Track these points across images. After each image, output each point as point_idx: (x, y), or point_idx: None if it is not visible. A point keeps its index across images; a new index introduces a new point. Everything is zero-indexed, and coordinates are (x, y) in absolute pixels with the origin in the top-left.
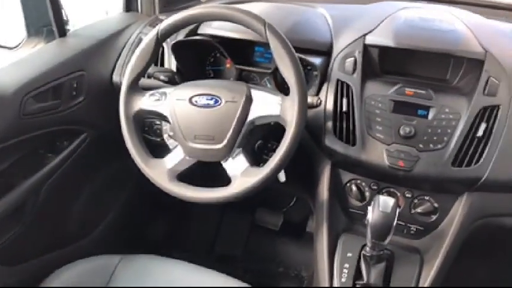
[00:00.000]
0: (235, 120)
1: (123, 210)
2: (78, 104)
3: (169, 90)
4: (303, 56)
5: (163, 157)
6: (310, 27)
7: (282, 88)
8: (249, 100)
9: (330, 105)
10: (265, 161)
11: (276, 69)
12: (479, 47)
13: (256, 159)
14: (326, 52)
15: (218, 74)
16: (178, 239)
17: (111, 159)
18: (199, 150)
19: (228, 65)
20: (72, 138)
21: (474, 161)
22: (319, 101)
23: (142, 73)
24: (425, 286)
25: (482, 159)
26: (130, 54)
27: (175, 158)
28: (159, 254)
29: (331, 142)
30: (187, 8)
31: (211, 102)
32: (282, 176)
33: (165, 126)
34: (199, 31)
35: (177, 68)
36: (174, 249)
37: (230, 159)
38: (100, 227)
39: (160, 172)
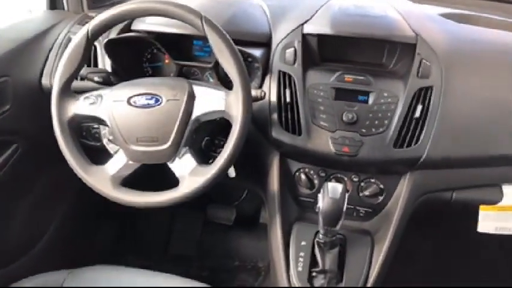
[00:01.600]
0: (179, 118)
1: (67, 222)
2: (3, 113)
3: (105, 92)
4: (243, 49)
5: (105, 163)
6: (248, 19)
7: (225, 82)
8: (191, 97)
9: (273, 97)
10: (213, 158)
11: (217, 63)
12: (410, 31)
13: (204, 156)
14: (266, 43)
15: (157, 71)
16: (130, 244)
17: (48, 169)
18: (143, 153)
19: (166, 61)
20: (1, 150)
21: (414, 141)
22: (263, 93)
23: (74, 75)
24: (377, 266)
25: (421, 139)
26: (60, 56)
27: (118, 163)
28: (110, 263)
29: (278, 133)
30: (118, 3)
31: (152, 101)
32: (231, 172)
33: (104, 130)
34: (133, 27)
35: (112, 68)
36: (127, 255)
37: (177, 159)
38: (42, 242)
39: (103, 179)
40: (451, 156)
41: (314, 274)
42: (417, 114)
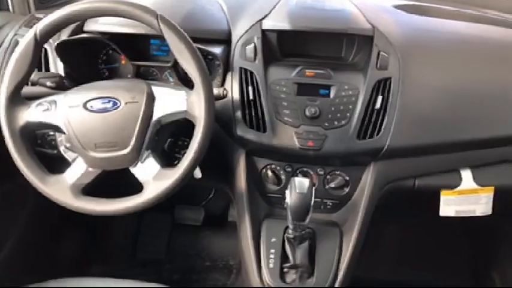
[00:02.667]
0: (139, 121)
1: (27, 233)
2: None
3: (59, 97)
4: (202, 47)
5: (64, 172)
6: (205, 16)
7: (185, 81)
8: (151, 98)
9: (236, 95)
10: (178, 160)
11: (177, 62)
12: (367, 24)
13: (168, 159)
14: (225, 40)
15: (114, 73)
16: (96, 252)
17: (1, 180)
18: (103, 159)
19: (123, 62)
20: None
21: (376, 132)
22: (225, 91)
23: (24, 81)
24: (347, 256)
25: (382, 129)
26: (7, 61)
27: (77, 171)
28: (76, 274)
29: (243, 131)
30: (67, 3)
31: (109, 105)
32: (197, 173)
33: (60, 138)
34: (86, 28)
35: (66, 72)
36: (93, 264)
37: (139, 164)
38: (1, 256)
39: (62, 189)
40: (412, 144)
41: (286, 270)
42: (377, 105)
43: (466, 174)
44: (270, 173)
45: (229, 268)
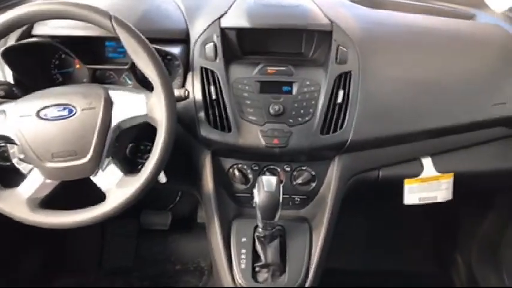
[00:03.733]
0: (97, 128)
1: None
2: None
3: (9, 106)
4: (159, 47)
5: (18, 185)
6: (161, 15)
7: (145, 83)
8: (108, 103)
9: (198, 95)
10: (141, 165)
11: (134, 64)
12: (325, 19)
13: (131, 165)
14: (184, 40)
15: (68, 78)
16: (60, 264)
17: None
18: (61, 170)
19: (77, 66)
20: None
21: (339, 126)
22: (186, 92)
23: None
24: (317, 251)
25: (345, 123)
26: None
27: (33, 183)
28: None
29: (207, 132)
30: (12, 6)
31: (65, 112)
32: (162, 177)
33: (13, 149)
34: (34, 32)
35: (15, 79)
36: (57, 278)
37: (100, 172)
38: None
39: (17, 203)
40: (374, 136)
41: (257, 269)
42: (339, 99)
43: (427, 163)
44: (237, 172)
45: (201, 270)
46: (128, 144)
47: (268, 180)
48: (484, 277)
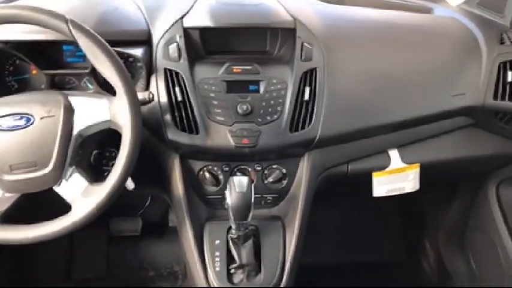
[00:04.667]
0: (58, 137)
1: None
2: None
3: None
4: (120, 49)
5: None
6: (121, 17)
7: (108, 87)
8: (69, 110)
9: (163, 97)
10: (107, 172)
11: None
12: (288, 16)
13: (96, 173)
14: (146, 41)
15: (24, 85)
16: (27, 276)
17: None
18: (21, 182)
19: (34, 72)
20: None
21: (307, 123)
22: (151, 95)
23: None
24: (291, 248)
25: (313, 120)
26: None
27: None
28: None
29: (174, 135)
30: None
31: (22, 122)
32: (129, 184)
33: None
34: None
35: None
36: None
37: (64, 182)
38: None
39: None
40: (342, 132)
41: (232, 271)
42: (306, 96)
43: (394, 155)
44: (207, 174)
45: (175, 275)
46: (92, 151)
47: (240, 181)
48: (452, 261)
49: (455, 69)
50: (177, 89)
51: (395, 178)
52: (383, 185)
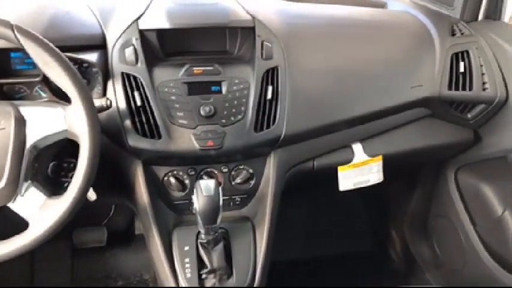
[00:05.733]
0: (10, 151)
1: None
2: None
3: None
4: (73, 55)
5: None
6: (72, 21)
7: (62, 95)
8: (21, 122)
9: (122, 103)
10: (67, 183)
11: None
12: (246, 15)
13: (55, 185)
14: (100, 45)
15: None
16: None
17: None
18: None
19: None
20: None
21: (271, 122)
22: (108, 101)
23: None
24: (262, 248)
25: (277, 119)
26: None
27: None
28: None
29: (135, 141)
30: None
31: None
32: (91, 195)
33: None
34: None
35: None
36: None
37: (19, 197)
38: None
39: None
40: (307, 128)
41: (204, 276)
42: (269, 95)
43: (357, 148)
44: (172, 179)
45: (145, 282)
46: (49, 163)
47: (206, 184)
48: (417, 247)
49: (411, 62)
50: (136, 94)
51: (360, 171)
52: (348, 179)
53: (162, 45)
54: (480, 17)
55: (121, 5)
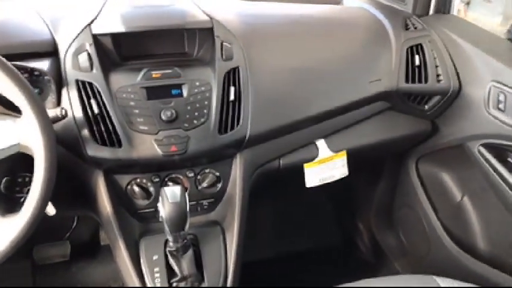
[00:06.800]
0: None
1: None
2: None
3: None
4: (21, 63)
5: None
6: (20, 28)
7: (12, 106)
8: None
9: (78, 112)
10: (23, 199)
11: None
12: (204, 15)
13: (9, 202)
14: (52, 52)
15: None
16: None
17: None
18: None
19: None
20: None
21: (235, 123)
22: (63, 111)
23: None
24: (233, 251)
25: (241, 120)
26: None
27: None
28: None
29: (95, 150)
30: None
31: None
32: (50, 209)
33: None
34: None
35: None
36: None
37: None
38: None
39: None
40: (271, 128)
41: (175, 284)
42: (232, 97)
43: (321, 145)
44: (136, 188)
45: None
46: (2, 179)
47: (172, 191)
48: (384, 238)
49: (369, 57)
50: (93, 101)
51: (325, 167)
52: (314, 175)
53: (118, 50)
54: (431, 11)
55: (72, 9)
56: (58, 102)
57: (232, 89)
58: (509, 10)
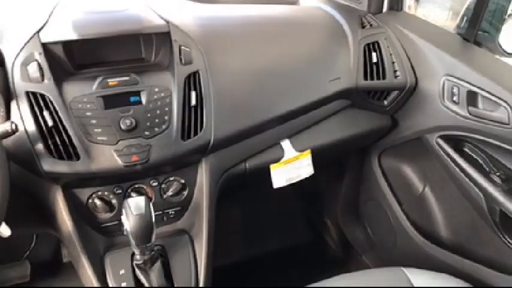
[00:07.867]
0: None
1: None
2: None
3: None
4: None
5: None
6: None
7: None
8: None
9: (30, 125)
10: None
11: None
12: (160, 19)
13: None
14: None
15: None
16: None
17: None
18: None
19: None
20: None
21: (199, 129)
22: (13, 125)
23: None
24: (202, 259)
25: (204, 124)
26: None
27: None
28: None
29: (51, 165)
30: None
31: None
32: (5, 230)
33: None
34: None
35: None
36: None
37: None
38: None
39: None
40: (235, 131)
41: None
42: (193, 102)
43: (286, 145)
44: (98, 201)
45: None
46: None
47: (136, 202)
48: (351, 232)
49: (327, 56)
50: (46, 113)
51: (291, 167)
52: (281, 176)
53: (70, 58)
54: (384, 8)
55: (17, 17)
56: (7, 117)
57: (193, 93)
58: (457, 5)
